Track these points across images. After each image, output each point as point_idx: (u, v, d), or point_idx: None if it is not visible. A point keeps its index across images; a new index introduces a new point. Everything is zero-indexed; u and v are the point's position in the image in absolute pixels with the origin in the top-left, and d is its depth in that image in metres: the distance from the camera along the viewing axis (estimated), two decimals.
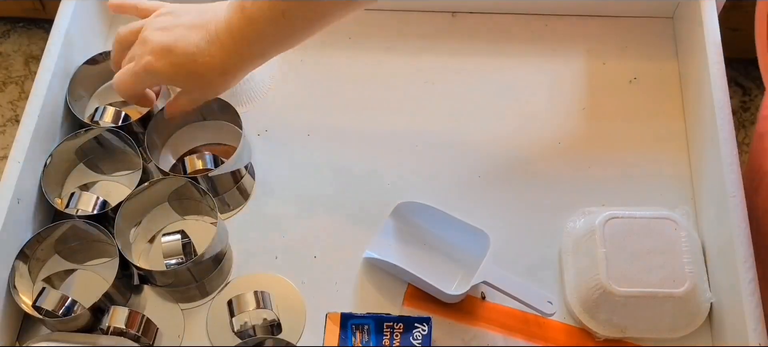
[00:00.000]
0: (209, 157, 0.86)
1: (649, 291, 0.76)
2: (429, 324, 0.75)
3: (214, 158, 0.86)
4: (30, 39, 1.80)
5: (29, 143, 0.81)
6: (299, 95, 0.94)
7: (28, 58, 1.78)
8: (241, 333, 0.79)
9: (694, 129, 0.88)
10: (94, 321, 0.78)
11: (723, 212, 0.77)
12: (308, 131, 0.92)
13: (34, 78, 0.86)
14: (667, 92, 0.93)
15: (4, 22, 1.81)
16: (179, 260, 0.79)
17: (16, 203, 0.79)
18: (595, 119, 0.92)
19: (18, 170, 0.80)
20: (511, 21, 0.99)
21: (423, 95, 0.94)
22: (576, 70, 0.95)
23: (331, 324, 0.76)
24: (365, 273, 0.83)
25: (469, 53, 0.97)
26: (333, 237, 0.85)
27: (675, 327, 0.77)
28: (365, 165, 0.89)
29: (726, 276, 0.76)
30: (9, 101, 1.73)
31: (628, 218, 0.79)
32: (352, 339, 0.75)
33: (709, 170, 0.82)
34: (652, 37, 0.97)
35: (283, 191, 0.88)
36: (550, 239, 0.84)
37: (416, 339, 0.75)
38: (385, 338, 0.75)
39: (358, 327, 0.76)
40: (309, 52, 0.97)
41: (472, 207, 0.85)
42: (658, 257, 0.77)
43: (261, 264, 0.84)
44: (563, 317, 0.80)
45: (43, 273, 0.83)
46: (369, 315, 0.77)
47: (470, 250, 0.80)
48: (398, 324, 0.76)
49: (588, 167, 0.88)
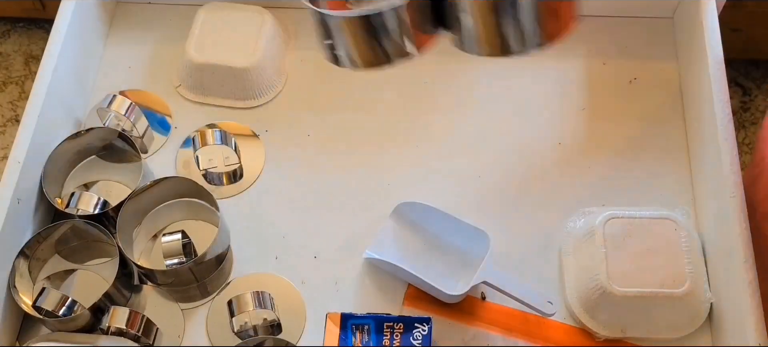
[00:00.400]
0: (219, 133, 0.87)
1: (649, 291, 0.76)
2: (429, 324, 0.75)
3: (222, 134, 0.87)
4: (30, 39, 1.80)
5: (29, 143, 0.81)
6: (299, 95, 0.94)
7: (28, 58, 1.78)
8: (241, 333, 0.79)
9: (694, 129, 0.88)
10: (94, 321, 0.78)
11: (723, 213, 0.77)
12: (308, 131, 0.92)
13: (34, 78, 0.86)
14: (667, 93, 0.93)
15: (4, 22, 1.81)
16: (179, 260, 0.80)
17: (16, 203, 0.79)
18: (596, 119, 0.92)
19: (18, 170, 0.80)
20: None
21: (423, 96, 0.94)
22: (576, 70, 0.95)
23: (331, 324, 0.76)
24: (365, 273, 0.83)
25: (469, 53, 0.96)
26: (333, 237, 0.85)
27: (675, 327, 0.77)
28: (365, 165, 0.89)
29: (726, 276, 0.76)
30: (9, 101, 1.73)
31: (628, 218, 0.79)
32: (352, 339, 0.75)
33: (709, 170, 0.82)
34: (653, 37, 0.97)
35: (283, 191, 0.88)
36: (550, 239, 0.84)
37: (416, 339, 0.75)
38: (385, 338, 0.75)
39: (358, 327, 0.76)
40: (309, 53, 0.97)
41: (472, 207, 0.85)
42: (658, 257, 0.77)
43: (261, 264, 0.84)
44: (563, 317, 0.80)
45: (43, 273, 0.83)
46: (369, 315, 0.77)
47: (470, 250, 0.81)
48: (398, 324, 0.76)
49: (588, 167, 0.88)
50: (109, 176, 0.89)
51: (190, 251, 0.81)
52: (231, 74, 0.91)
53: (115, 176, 0.88)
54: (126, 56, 0.98)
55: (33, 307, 0.77)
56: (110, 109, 0.88)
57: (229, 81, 0.92)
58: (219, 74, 0.92)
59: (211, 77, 0.92)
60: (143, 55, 0.98)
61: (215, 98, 0.94)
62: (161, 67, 0.96)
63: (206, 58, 0.91)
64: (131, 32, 1.00)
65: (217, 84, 0.92)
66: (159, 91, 0.95)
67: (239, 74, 0.91)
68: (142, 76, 0.96)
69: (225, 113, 0.93)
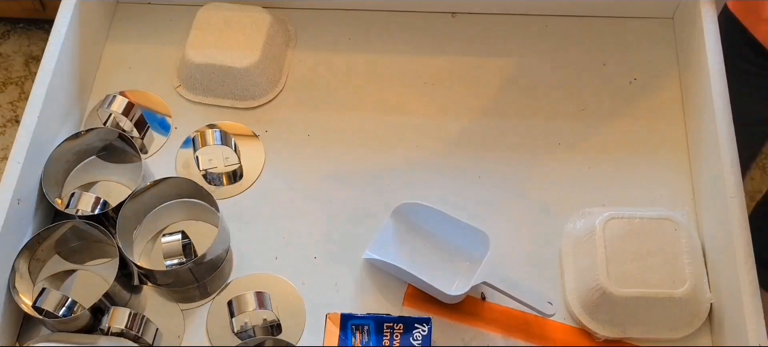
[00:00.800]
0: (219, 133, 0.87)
1: (649, 292, 0.75)
2: (429, 324, 0.75)
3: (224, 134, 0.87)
4: (30, 39, 1.80)
5: (29, 144, 0.81)
6: (299, 95, 0.94)
7: (28, 59, 1.78)
8: (241, 333, 0.79)
9: (694, 130, 0.88)
10: (94, 321, 0.77)
11: (723, 213, 0.77)
12: (308, 132, 0.92)
13: (34, 79, 0.86)
14: (667, 93, 0.93)
15: (5, 22, 1.81)
16: (179, 260, 0.79)
17: (16, 203, 0.79)
18: (596, 119, 0.92)
19: (18, 171, 0.80)
20: (511, 22, 0.99)
21: (423, 96, 0.94)
22: (576, 70, 0.95)
23: (331, 324, 0.76)
24: (365, 273, 0.83)
25: (469, 54, 0.97)
26: (333, 238, 0.85)
27: (675, 328, 0.77)
28: (365, 165, 0.89)
29: (726, 277, 0.76)
30: (9, 102, 1.73)
31: (628, 219, 0.79)
32: (352, 340, 0.75)
33: (709, 170, 0.82)
34: (653, 37, 0.97)
35: (283, 192, 0.88)
36: (550, 239, 0.84)
37: (416, 340, 0.75)
38: (385, 338, 0.75)
39: (358, 327, 0.76)
40: (309, 53, 0.97)
41: (472, 208, 0.85)
42: (658, 257, 0.77)
43: (261, 265, 0.84)
44: (563, 317, 0.80)
45: (43, 273, 0.83)
46: (369, 315, 0.77)
47: (470, 250, 0.80)
48: (398, 324, 0.76)
49: (588, 168, 0.88)
50: (109, 176, 0.89)
51: (190, 251, 0.81)
52: (231, 75, 0.91)
53: (115, 176, 0.88)
54: (126, 56, 0.98)
55: (33, 307, 0.77)
56: (110, 109, 0.88)
57: (229, 81, 0.92)
58: (219, 75, 0.92)
59: (211, 78, 0.92)
60: (143, 56, 0.98)
61: (215, 99, 0.93)
62: (161, 68, 0.96)
63: (206, 58, 0.91)
64: (131, 33, 1.00)
65: (217, 84, 0.92)
66: (159, 91, 0.95)
67: (239, 74, 0.91)
68: (142, 77, 0.96)
69: (225, 113, 0.93)
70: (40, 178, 0.83)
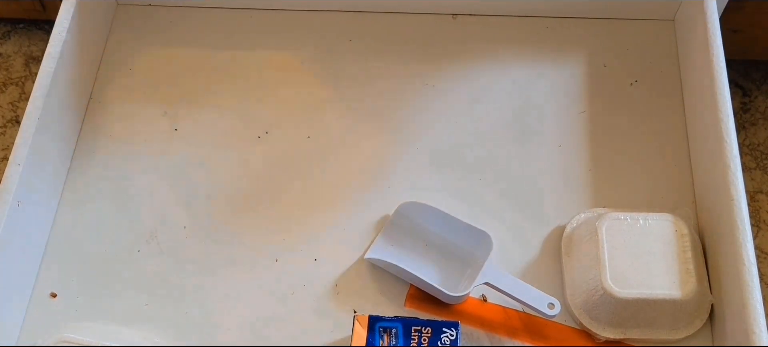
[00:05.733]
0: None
1: (650, 293, 0.76)
2: (457, 329, 0.74)
3: None
4: (30, 40, 1.79)
5: (30, 145, 0.81)
6: (299, 97, 0.94)
7: (28, 60, 1.78)
8: None
9: (695, 131, 0.88)
10: None
11: (723, 214, 0.77)
12: (308, 133, 0.92)
13: (34, 79, 0.86)
14: (668, 95, 0.93)
15: (5, 23, 1.81)
16: None
17: (16, 205, 0.79)
18: (596, 121, 0.92)
19: (18, 172, 0.80)
20: (512, 23, 0.99)
21: (423, 97, 0.94)
22: (577, 72, 0.95)
23: (359, 326, 0.75)
24: (366, 274, 0.83)
25: (470, 55, 0.97)
26: (333, 238, 0.85)
27: (675, 329, 0.77)
28: (366, 166, 0.89)
29: (726, 277, 0.76)
30: (9, 102, 1.73)
31: (629, 220, 0.79)
32: (380, 341, 0.75)
33: (710, 172, 0.82)
34: (653, 39, 0.97)
35: (283, 193, 0.88)
36: (551, 240, 0.84)
37: (444, 344, 0.74)
38: (412, 341, 0.74)
39: (386, 330, 0.75)
40: (309, 54, 0.97)
41: (473, 208, 0.85)
42: (659, 258, 0.77)
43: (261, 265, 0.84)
44: (564, 318, 0.80)
45: None
46: (397, 318, 0.76)
47: (472, 251, 0.80)
48: (426, 328, 0.75)
49: (588, 170, 0.88)
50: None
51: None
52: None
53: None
54: (126, 57, 0.98)
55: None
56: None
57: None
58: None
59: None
60: (143, 57, 0.98)
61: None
62: (161, 68, 0.96)
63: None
64: (131, 34, 1.00)
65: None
66: (158, 92, 0.95)
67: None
68: (142, 78, 0.96)
69: (223, 112, 0.93)
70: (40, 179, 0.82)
